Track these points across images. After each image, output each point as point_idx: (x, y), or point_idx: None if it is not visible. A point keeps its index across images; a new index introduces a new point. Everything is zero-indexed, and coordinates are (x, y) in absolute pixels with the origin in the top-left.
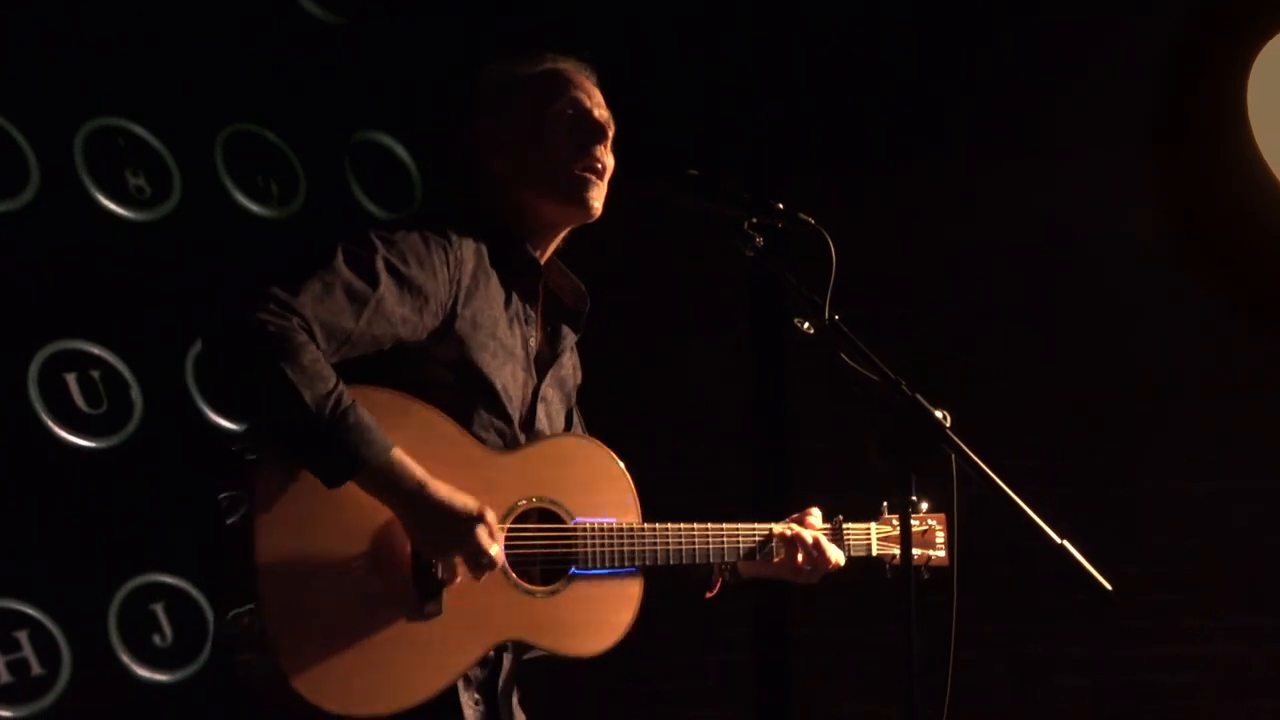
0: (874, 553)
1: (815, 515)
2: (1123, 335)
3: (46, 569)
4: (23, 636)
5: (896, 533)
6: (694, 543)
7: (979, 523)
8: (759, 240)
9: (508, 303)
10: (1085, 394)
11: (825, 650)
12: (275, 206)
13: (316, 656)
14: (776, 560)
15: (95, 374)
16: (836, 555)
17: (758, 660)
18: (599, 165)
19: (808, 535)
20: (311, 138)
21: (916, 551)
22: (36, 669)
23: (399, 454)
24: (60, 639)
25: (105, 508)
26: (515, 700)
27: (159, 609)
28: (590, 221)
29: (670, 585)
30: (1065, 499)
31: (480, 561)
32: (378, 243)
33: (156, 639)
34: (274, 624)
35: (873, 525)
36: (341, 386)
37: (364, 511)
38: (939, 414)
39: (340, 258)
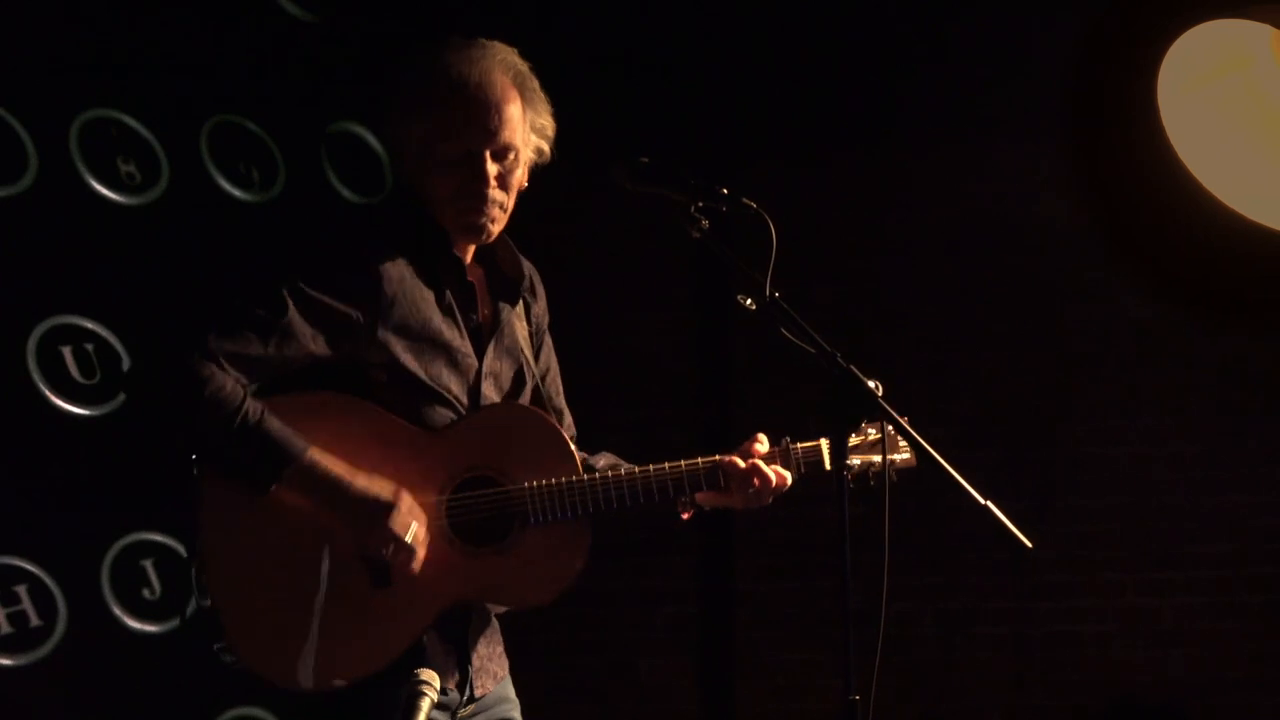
0: (827, 467)
1: (761, 441)
2: (1044, 311)
3: (44, 527)
4: (22, 590)
5: (871, 440)
6: (623, 488)
7: (911, 484)
8: (705, 223)
9: (440, 297)
10: (1010, 366)
11: (766, 603)
12: (256, 192)
13: (275, 643)
14: (723, 489)
15: (89, 347)
16: (782, 475)
17: (702, 612)
18: (483, 206)
19: (740, 462)
20: (290, 128)
21: (877, 458)
22: (35, 621)
23: (316, 454)
24: (57, 593)
25: (98, 471)
26: (498, 652)
27: (148, 565)
28: (486, 243)
29: (632, 528)
30: (990, 463)
31: (399, 544)
32: (289, 270)
33: (146, 593)
34: (228, 619)
35: (823, 441)
36: (248, 404)
37: (307, 506)
38: (872, 384)
39: (249, 291)
